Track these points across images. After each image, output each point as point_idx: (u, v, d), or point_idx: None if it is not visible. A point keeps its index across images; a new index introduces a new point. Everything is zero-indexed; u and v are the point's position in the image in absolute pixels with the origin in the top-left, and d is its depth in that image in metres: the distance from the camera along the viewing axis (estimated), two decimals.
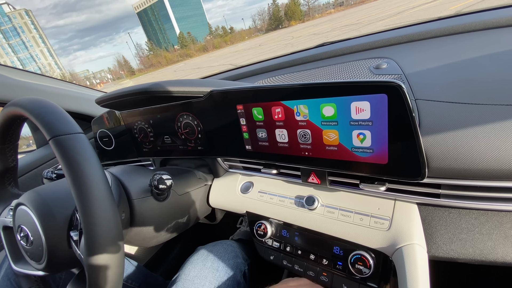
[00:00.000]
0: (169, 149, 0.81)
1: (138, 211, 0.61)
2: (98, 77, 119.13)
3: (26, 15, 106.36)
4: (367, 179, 0.53)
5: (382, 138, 0.44)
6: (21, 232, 0.52)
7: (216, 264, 0.66)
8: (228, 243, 0.75)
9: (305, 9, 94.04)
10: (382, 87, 0.40)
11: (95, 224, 0.39)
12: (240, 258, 0.72)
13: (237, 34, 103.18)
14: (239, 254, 0.73)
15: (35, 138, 1.18)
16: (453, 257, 0.45)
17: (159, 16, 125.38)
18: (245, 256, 0.75)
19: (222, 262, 0.67)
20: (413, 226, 0.48)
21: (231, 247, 0.74)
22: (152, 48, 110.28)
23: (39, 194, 0.53)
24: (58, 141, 0.41)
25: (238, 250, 0.74)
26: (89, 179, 0.39)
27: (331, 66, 0.83)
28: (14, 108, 0.48)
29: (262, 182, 0.71)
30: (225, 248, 0.72)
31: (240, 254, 0.73)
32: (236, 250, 0.73)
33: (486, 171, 0.40)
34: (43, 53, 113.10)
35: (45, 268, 0.51)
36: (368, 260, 0.50)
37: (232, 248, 0.73)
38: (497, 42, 0.65)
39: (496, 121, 0.41)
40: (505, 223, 0.43)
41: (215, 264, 0.66)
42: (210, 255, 0.69)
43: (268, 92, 0.54)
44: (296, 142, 0.55)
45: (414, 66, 0.64)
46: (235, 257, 0.71)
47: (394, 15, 15.19)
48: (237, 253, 0.73)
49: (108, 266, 0.40)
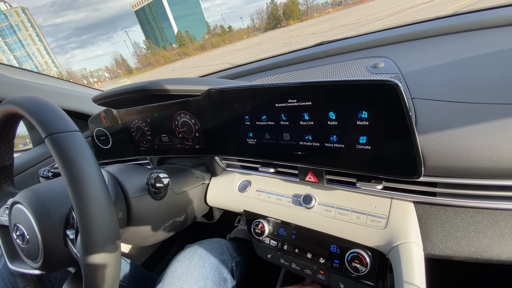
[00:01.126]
0: (166, 148, 0.80)
1: (135, 209, 0.61)
2: (96, 75, 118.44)
3: (22, 13, 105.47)
4: (364, 177, 0.53)
5: (378, 137, 0.44)
6: (17, 231, 0.52)
7: (202, 261, 0.67)
8: (215, 241, 0.76)
9: (303, 8, 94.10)
10: (379, 85, 0.40)
11: (91, 223, 0.38)
12: (227, 255, 0.73)
13: (235, 33, 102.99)
14: (226, 251, 0.74)
15: (31, 136, 1.17)
16: (449, 255, 0.45)
17: (157, 15, 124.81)
18: (233, 253, 0.75)
19: (208, 259, 0.68)
20: (409, 224, 0.48)
21: (217, 244, 0.74)
22: (150, 47, 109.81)
23: (35, 192, 0.52)
24: (54, 139, 0.40)
25: (226, 248, 0.75)
26: (85, 177, 0.39)
27: (328, 65, 0.83)
28: (9, 106, 0.48)
29: (259, 180, 0.71)
30: (211, 246, 0.73)
31: (227, 251, 0.74)
32: (223, 247, 0.74)
33: (482, 169, 0.40)
34: (39, 51, 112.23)
35: (41, 267, 0.51)
36: (365, 258, 0.50)
37: (218, 246, 0.74)
38: (493, 42, 0.65)
39: (492, 120, 0.41)
40: (500, 221, 0.44)
41: (201, 262, 0.67)
42: (196, 252, 0.69)
43: (266, 90, 0.54)
44: (294, 140, 0.55)
45: (411, 65, 0.65)
46: (221, 254, 0.71)
47: (392, 15, 15.24)
48: (224, 250, 0.73)
49: (105, 264, 0.40)
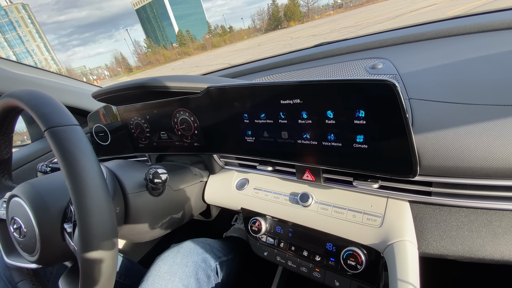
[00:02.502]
0: (165, 145, 0.81)
1: (132, 205, 0.61)
2: (95, 73, 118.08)
3: (23, 9, 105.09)
4: (360, 176, 0.53)
5: (375, 136, 0.44)
6: (14, 224, 0.52)
7: (186, 260, 0.67)
8: (200, 240, 0.76)
9: (304, 10, 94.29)
10: (377, 85, 0.41)
11: (89, 216, 0.39)
12: (211, 253, 0.74)
13: (236, 33, 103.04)
14: (210, 251, 0.74)
15: (30, 132, 1.17)
16: (443, 254, 0.46)
17: (158, 14, 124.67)
18: (218, 253, 0.76)
19: (191, 258, 0.69)
20: (404, 223, 0.48)
21: (201, 243, 0.75)
22: (150, 46, 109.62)
23: (33, 186, 0.53)
24: (54, 132, 0.41)
25: (209, 247, 0.75)
26: (84, 171, 0.39)
27: (328, 66, 0.84)
28: (9, 99, 0.48)
29: (257, 179, 0.71)
30: (195, 245, 0.73)
31: (212, 251, 0.75)
32: (206, 247, 0.75)
33: (477, 169, 0.41)
34: (39, 48, 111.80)
35: (37, 261, 0.51)
36: (360, 256, 0.51)
37: (202, 245, 0.74)
38: (490, 45, 0.66)
39: (487, 121, 0.42)
40: (494, 221, 0.44)
41: (185, 260, 0.67)
42: (180, 251, 0.70)
43: (265, 89, 0.54)
44: (292, 139, 0.55)
45: (409, 67, 0.65)
46: (204, 253, 0.72)
47: (393, 18, 15.30)
48: (208, 249, 0.74)
49: (102, 257, 0.40)
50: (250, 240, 0.69)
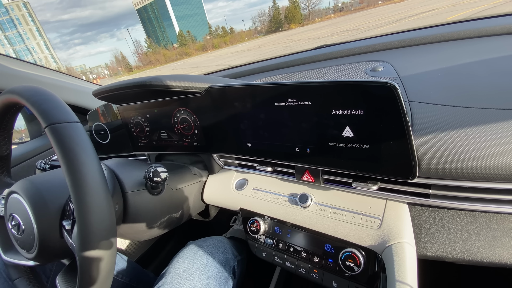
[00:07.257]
0: (165, 144, 0.81)
1: (132, 204, 0.61)
2: (95, 72, 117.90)
3: (24, 7, 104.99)
4: (359, 178, 0.54)
5: (375, 138, 0.44)
6: (12, 221, 0.52)
7: (206, 259, 0.67)
8: (218, 239, 0.75)
9: (305, 13, 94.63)
10: (377, 87, 0.41)
11: (89, 212, 0.39)
12: (230, 254, 0.73)
13: (236, 35, 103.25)
14: (229, 250, 0.73)
15: (29, 129, 1.17)
16: (441, 256, 0.46)
17: (159, 14, 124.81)
18: (235, 253, 0.75)
19: (212, 257, 0.68)
20: (403, 225, 0.49)
21: (221, 242, 0.74)
22: (151, 46, 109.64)
23: (32, 182, 0.52)
24: (54, 129, 0.41)
25: (229, 246, 0.74)
26: (84, 168, 0.39)
27: (328, 68, 0.84)
28: (10, 96, 0.48)
29: (257, 179, 0.71)
30: (215, 244, 0.72)
31: (230, 250, 0.74)
32: (226, 246, 0.74)
33: (475, 171, 0.41)
34: (39, 46, 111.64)
35: (35, 258, 0.51)
36: (358, 257, 0.51)
37: (222, 244, 0.74)
38: (489, 49, 0.67)
39: (486, 124, 0.42)
40: (492, 224, 0.44)
41: (205, 259, 0.67)
42: (200, 250, 0.69)
43: (266, 89, 0.54)
44: (292, 140, 0.55)
45: (409, 70, 0.66)
46: (225, 253, 0.71)
47: (393, 23, 15.37)
48: (227, 249, 0.73)
49: (100, 254, 0.40)
50: (248, 241, 0.69)
